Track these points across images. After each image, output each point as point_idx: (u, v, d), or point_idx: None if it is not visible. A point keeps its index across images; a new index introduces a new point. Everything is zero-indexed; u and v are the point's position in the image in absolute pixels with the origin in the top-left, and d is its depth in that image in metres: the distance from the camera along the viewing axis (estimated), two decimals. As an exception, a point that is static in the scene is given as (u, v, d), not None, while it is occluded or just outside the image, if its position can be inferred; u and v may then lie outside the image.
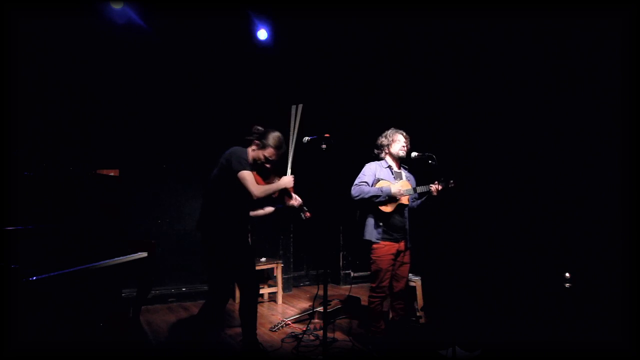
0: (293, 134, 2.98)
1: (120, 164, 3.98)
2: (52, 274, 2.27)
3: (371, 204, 3.21)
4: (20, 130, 3.72)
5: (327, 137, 2.82)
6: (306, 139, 2.89)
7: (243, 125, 3.05)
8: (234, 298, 4.55)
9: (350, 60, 5.34)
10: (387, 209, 3.20)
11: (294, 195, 2.95)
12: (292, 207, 2.97)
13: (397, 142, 3.31)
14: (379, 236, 3.20)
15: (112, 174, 3.46)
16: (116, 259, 2.83)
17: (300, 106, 3.01)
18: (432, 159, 3.13)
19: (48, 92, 4.25)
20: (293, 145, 2.97)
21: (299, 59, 5.32)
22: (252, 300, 2.98)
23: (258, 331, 3.11)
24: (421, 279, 3.97)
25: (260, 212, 3.21)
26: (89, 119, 4.52)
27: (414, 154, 3.24)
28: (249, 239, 3.21)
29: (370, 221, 3.24)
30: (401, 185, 3.24)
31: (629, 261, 2.82)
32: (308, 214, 3.01)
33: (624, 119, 2.94)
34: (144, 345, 3.44)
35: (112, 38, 4.41)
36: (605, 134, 3.20)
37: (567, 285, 3.10)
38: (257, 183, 2.79)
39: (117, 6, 4.17)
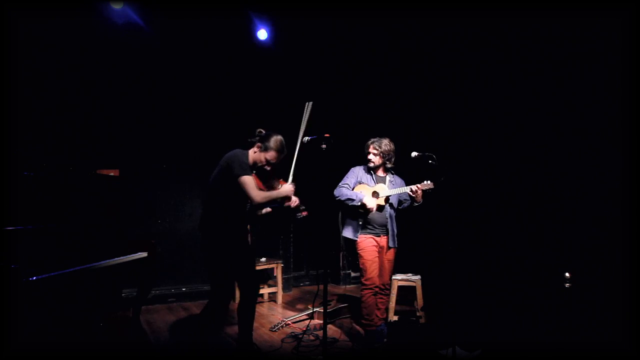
0: (301, 130, 2.90)
1: (120, 164, 3.98)
2: (52, 274, 2.28)
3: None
4: (20, 130, 3.72)
5: (327, 137, 2.82)
6: (306, 139, 2.89)
7: (243, 125, 3.05)
8: (234, 299, 4.55)
9: (350, 60, 5.34)
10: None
11: (292, 198, 2.96)
12: (289, 207, 2.98)
13: (369, 154, 3.44)
14: (357, 232, 3.41)
15: (112, 174, 3.47)
16: (116, 258, 2.83)
17: (310, 104, 2.93)
18: (432, 159, 3.12)
19: (48, 92, 4.25)
20: (299, 143, 2.89)
21: (299, 59, 5.31)
22: (251, 301, 2.98)
23: (258, 331, 3.12)
24: (421, 279, 3.97)
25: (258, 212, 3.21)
26: (89, 119, 4.52)
27: (414, 153, 3.24)
28: (249, 240, 3.20)
29: (348, 219, 3.49)
30: (378, 189, 3.41)
31: (629, 261, 2.82)
32: (304, 213, 3.03)
33: (624, 118, 2.95)
34: (144, 345, 3.44)
35: (112, 38, 4.40)
36: (606, 133, 3.20)
37: (567, 285, 3.10)
38: (257, 185, 2.79)
39: (117, 6, 4.17)
